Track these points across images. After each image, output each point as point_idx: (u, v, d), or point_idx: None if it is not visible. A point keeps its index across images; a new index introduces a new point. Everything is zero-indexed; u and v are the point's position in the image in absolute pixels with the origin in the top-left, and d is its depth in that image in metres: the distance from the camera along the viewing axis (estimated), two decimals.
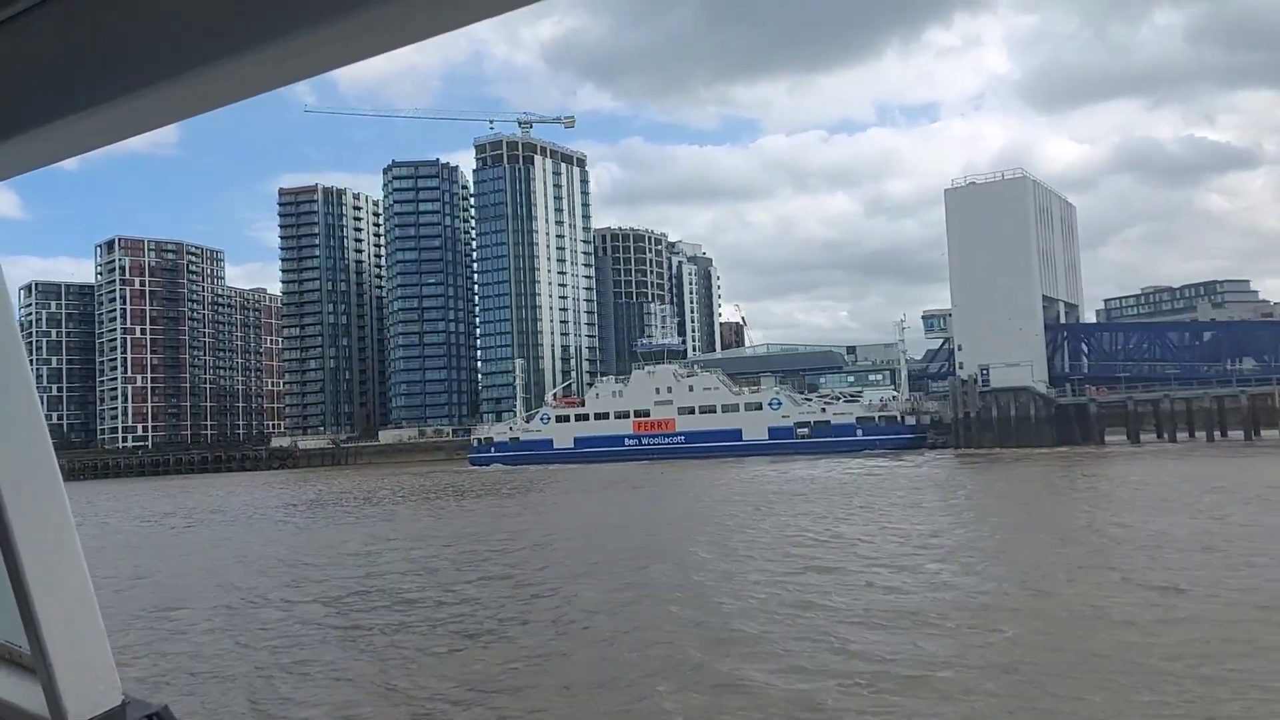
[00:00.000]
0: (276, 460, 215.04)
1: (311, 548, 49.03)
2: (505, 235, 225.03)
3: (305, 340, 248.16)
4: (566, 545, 45.47)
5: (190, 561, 46.06)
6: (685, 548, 41.34)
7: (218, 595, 35.07)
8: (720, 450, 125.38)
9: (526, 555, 42.27)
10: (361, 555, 44.75)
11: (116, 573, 40.84)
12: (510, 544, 46.33)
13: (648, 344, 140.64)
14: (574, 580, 34.35)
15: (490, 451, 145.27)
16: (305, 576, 38.87)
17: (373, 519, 65.34)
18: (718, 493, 71.42)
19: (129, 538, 60.06)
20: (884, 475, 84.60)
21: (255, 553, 48.04)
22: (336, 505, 79.85)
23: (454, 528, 56.26)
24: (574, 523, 56.16)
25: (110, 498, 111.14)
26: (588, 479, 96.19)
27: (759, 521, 50.84)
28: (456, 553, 44.09)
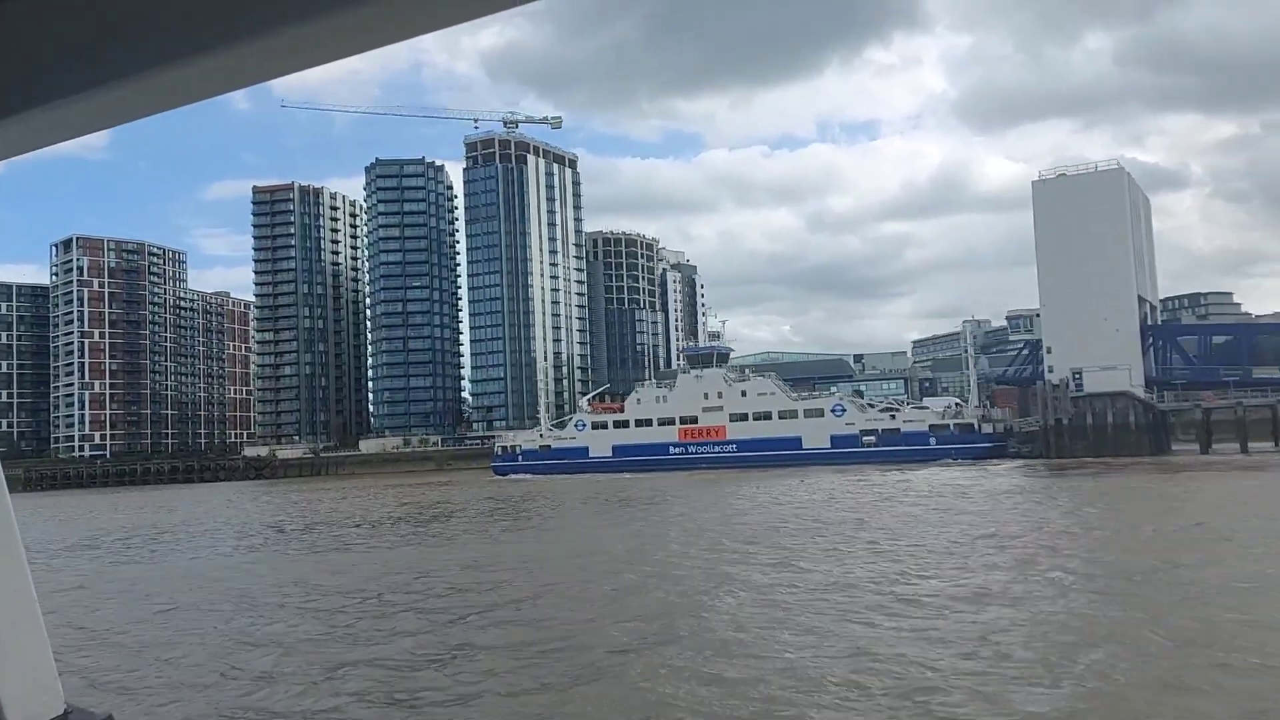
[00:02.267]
0: (253, 470, 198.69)
1: None
2: (497, 237, 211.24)
3: (280, 346, 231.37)
4: None
5: None
6: None
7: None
8: (777, 460, 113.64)
9: None
10: None
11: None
12: None
13: (692, 347, 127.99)
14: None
15: (517, 460, 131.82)
16: None
17: None
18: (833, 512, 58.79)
19: None
20: (1009, 490, 73.29)
21: None
22: (353, 530, 65.34)
23: None
24: None
25: (52, 516, 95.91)
26: (668, 492, 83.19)
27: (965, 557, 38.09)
28: None
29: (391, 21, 1.53)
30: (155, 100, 1.81)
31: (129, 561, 49.46)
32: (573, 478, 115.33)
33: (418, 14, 1.52)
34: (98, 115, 1.87)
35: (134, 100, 1.80)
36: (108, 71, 1.70)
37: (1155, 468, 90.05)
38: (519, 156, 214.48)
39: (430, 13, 1.53)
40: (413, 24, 1.56)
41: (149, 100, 1.81)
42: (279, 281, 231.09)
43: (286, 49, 1.58)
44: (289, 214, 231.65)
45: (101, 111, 1.84)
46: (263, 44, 1.56)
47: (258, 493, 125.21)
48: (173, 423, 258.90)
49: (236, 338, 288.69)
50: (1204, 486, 68.55)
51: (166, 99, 1.81)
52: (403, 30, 1.58)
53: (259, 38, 1.55)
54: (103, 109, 1.82)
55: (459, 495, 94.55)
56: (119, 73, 1.69)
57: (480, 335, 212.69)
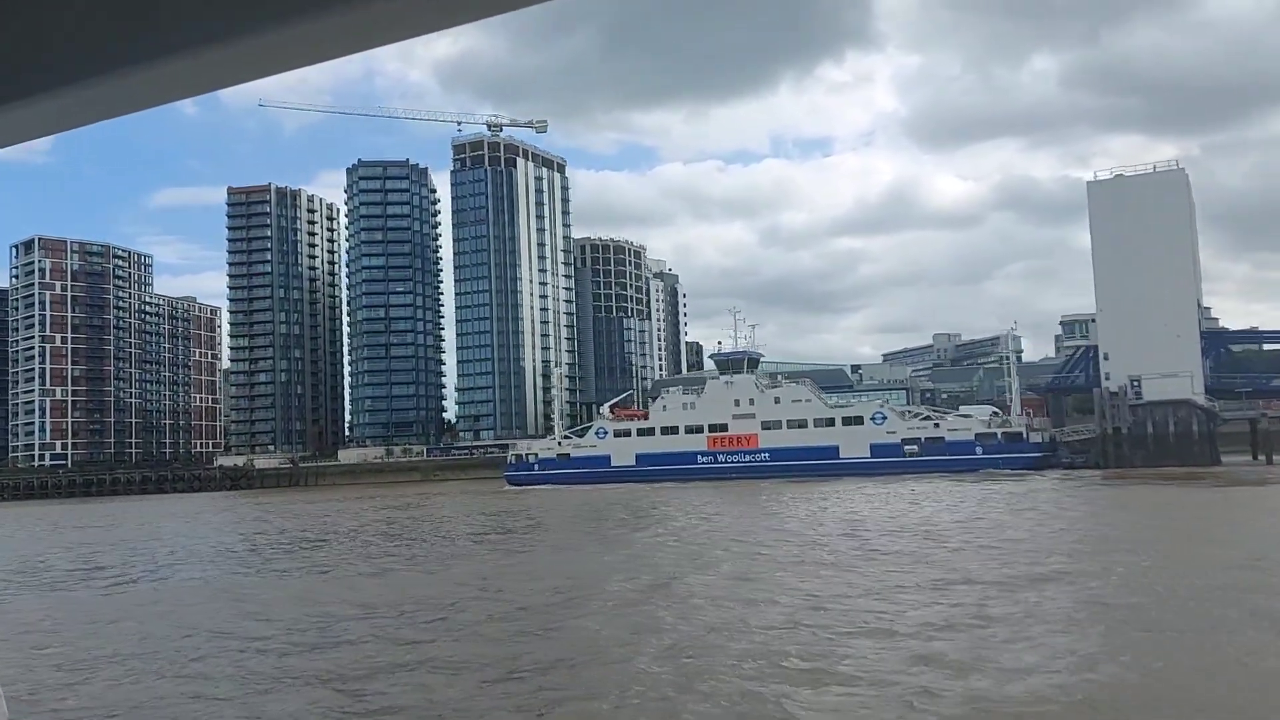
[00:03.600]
0: (229, 480, 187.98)
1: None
2: (485, 242, 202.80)
3: (254, 352, 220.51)
4: None
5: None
6: None
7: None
8: (812, 469, 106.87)
9: None
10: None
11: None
12: None
13: (722, 352, 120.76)
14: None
15: (533, 470, 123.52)
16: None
17: None
18: None
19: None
20: (1115, 502, 67.07)
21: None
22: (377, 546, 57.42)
23: None
24: None
25: None
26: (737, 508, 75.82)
27: None
28: None
29: (397, 21, 1.52)
30: (151, 94, 1.77)
31: None
32: (594, 488, 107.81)
33: (416, 15, 1.51)
34: (91, 107, 1.81)
35: (128, 94, 1.75)
36: (104, 64, 1.66)
37: (1251, 481, 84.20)
38: (508, 160, 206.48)
39: (428, 15, 1.51)
40: (413, 24, 1.56)
41: (144, 94, 1.76)
42: (254, 285, 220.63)
43: (281, 47, 1.57)
44: (265, 216, 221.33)
45: (95, 103, 1.78)
46: (257, 42, 1.54)
47: (240, 506, 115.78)
48: (137, 431, 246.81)
49: (203, 344, 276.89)
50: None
51: (161, 93, 1.76)
52: (406, 30, 1.57)
53: (255, 34, 1.53)
54: (97, 101, 1.77)
55: (470, 507, 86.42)
56: (113, 65, 1.65)
57: (467, 343, 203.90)
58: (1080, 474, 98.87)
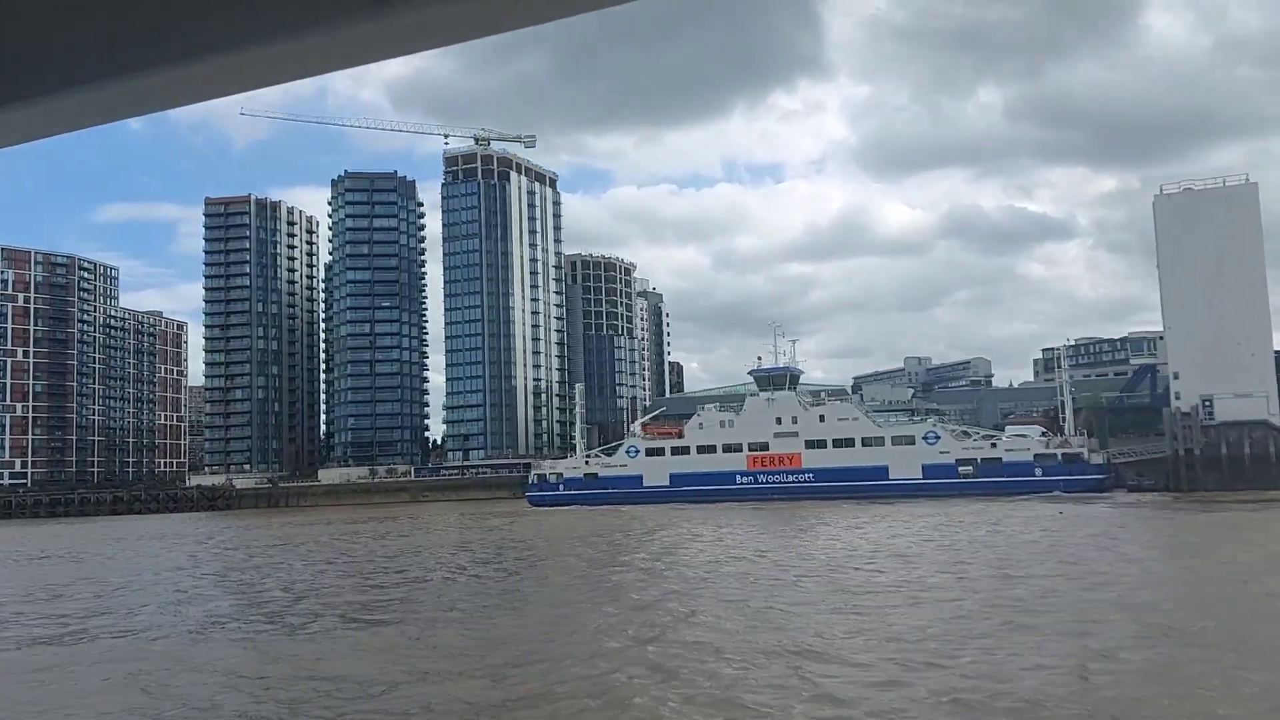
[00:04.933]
0: (206, 501, 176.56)
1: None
2: (477, 257, 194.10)
3: (230, 368, 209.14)
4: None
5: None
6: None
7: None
8: (859, 491, 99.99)
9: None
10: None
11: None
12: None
13: (761, 368, 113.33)
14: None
15: (559, 489, 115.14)
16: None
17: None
18: None
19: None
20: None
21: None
22: None
23: None
24: None
25: None
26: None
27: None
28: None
29: (417, 32, 1.50)
30: (155, 98, 1.74)
31: None
32: (624, 509, 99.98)
33: (433, 28, 1.49)
34: (97, 110, 1.78)
35: (133, 98, 1.72)
36: (113, 67, 1.64)
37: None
38: (500, 173, 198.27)
39: (434, 29, 1.50)
40: (415, 41, 1.54)
41: (150, 99, 1.73)
42: (232, 299, 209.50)
43: (279, 60, 1.55)
44: (244, 228, 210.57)
45: (102, 107, 1.75)
46: (258, 53, 1.52)
47: (226, 530, 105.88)
48: (99, 449, 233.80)
49: (168, 360, 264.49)
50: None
51: (166, 98, 1.74)
52: (418, 42, 1.56)
53: (257, 46, 1.52)
54: (103, 104, 1.74)
55: (513, 535, 78.08)
56: (122, 69, 1.63)
57: (457, 360, 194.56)
58: (1146, 497, 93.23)
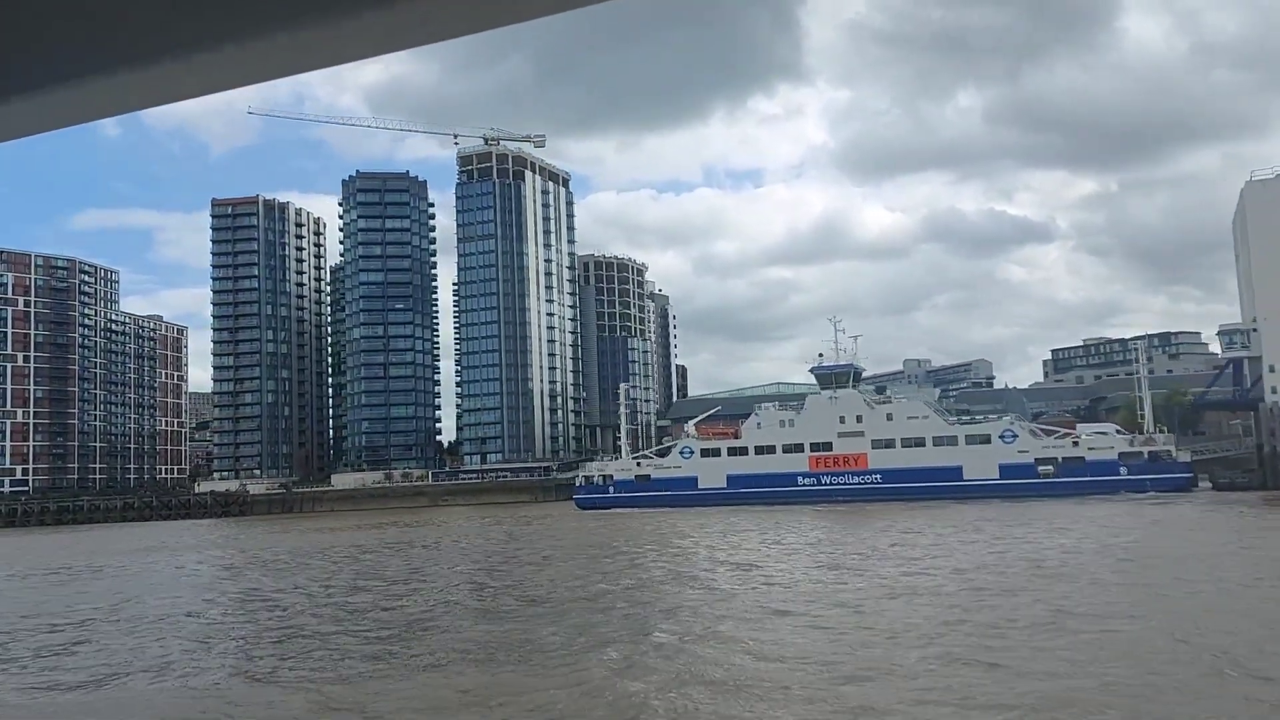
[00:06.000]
0: (219, 507, 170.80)
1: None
2: (493, 258, 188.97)
3: (240, 372, 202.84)
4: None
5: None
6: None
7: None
8: (930, 492, 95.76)
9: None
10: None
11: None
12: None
13: (823, 365, 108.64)
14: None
15: (609, 492, 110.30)
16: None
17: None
18: None
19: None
20: None
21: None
22: None
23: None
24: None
25: None
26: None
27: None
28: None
29: (410, 27, 1.49)
30: (155, 93, 1.72)
31: None
32: (680, 511, 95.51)
33: (425, 23, 1.49)
34: (98, 103, 1.76)
35: (135, 91, 1.70)
36: (113, 58, 1.61)
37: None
38: (516, 172, 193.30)
39: (433, 23, 1.49)
40: (420, 32, 1.53)
41: (132, 97, 1.71)
42: (240, 302, 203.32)
43: (273, 54, 1.53)
44: (252, 229, 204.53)
45: (104, 99, 1.74)
46: (255, 47, 1.51)
47: (246, 535, 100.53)
48: (101, 456, 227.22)
49: (168, 365, 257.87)
50: None
51: (167, 91, 1.71)
52: (414, 37, 1.55)
53: (252, 40, 1.50)
54: (105, 97, 1.72)
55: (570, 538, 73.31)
56: (124, 61, 1.62)
57: (473, 362, 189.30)
58: (1235, 496, 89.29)
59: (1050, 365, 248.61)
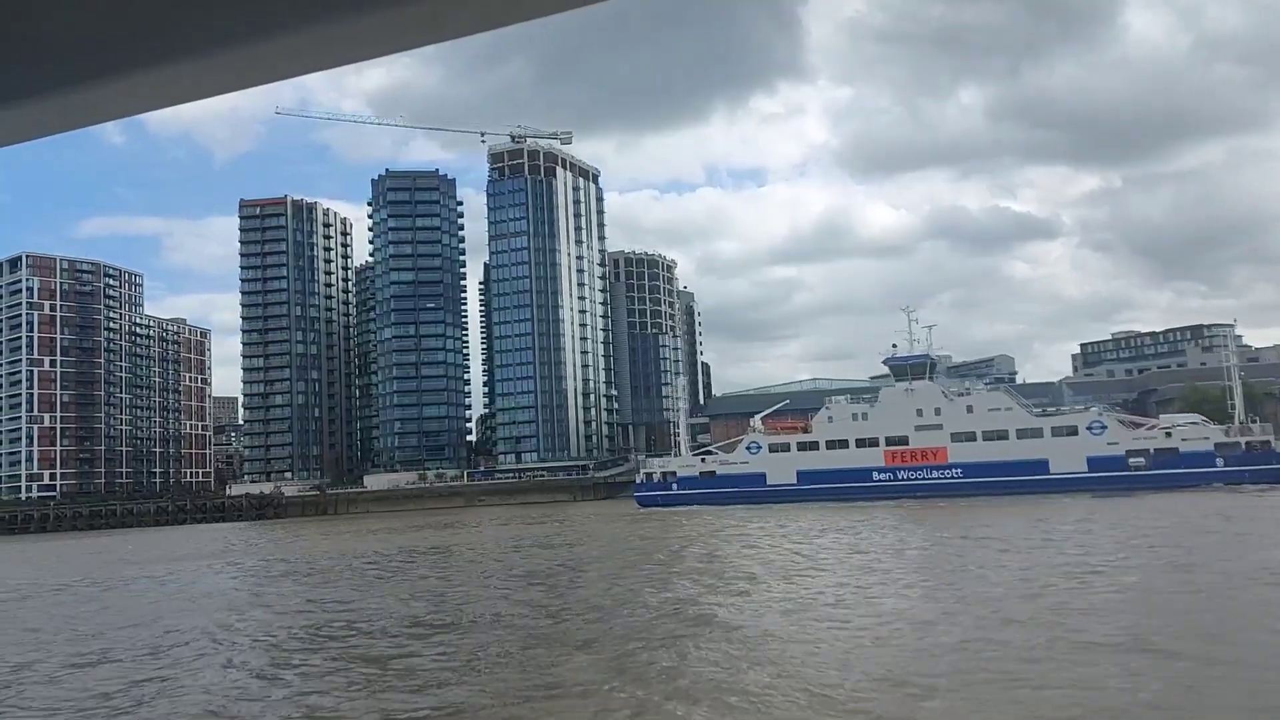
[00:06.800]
0: (254, 510, 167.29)
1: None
2: (526, 255, 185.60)
3: (269, 374, 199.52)
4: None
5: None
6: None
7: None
8: (1014, 486, 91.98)
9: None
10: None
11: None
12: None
13: (897, 356, 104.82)
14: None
15: (672, 489, 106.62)
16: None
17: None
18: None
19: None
20: None
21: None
22: None
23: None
24: None
25: None
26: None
27: None
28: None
29: (416, 26, 1.48)
30: (162, 95, 1.70)
31: None
32: (750, 509, 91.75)
33: (432, 22, 1.47)
34: (106, 105, 1.73)
35: (138, 95, 1.68)
36: (121, 61, 1.60)
37: None
38: (547, 169, 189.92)
39: (440, 22, 1.48)
40: (428, 31, 1.51)
41: (153, 96, 1.70)
42: (269, 304, 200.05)
43: (296, 51, 1.53)
44: (281, 230, 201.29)
45: (112, 101, 1.71)
46: (262, 48, 1.50)
47: (295, 540, 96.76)
48: (127, 460, 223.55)
49: (192, 368, 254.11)
50: None
51: (174, 93, 1.69)
52: (420, 37, 1.54)
53: (262, 40, 1.49)
54: (113, 99, 1.69)
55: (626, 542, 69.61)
56: (121, 67, 1.60)
57: (507, 360, 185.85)
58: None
59: (1079, 360, 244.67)
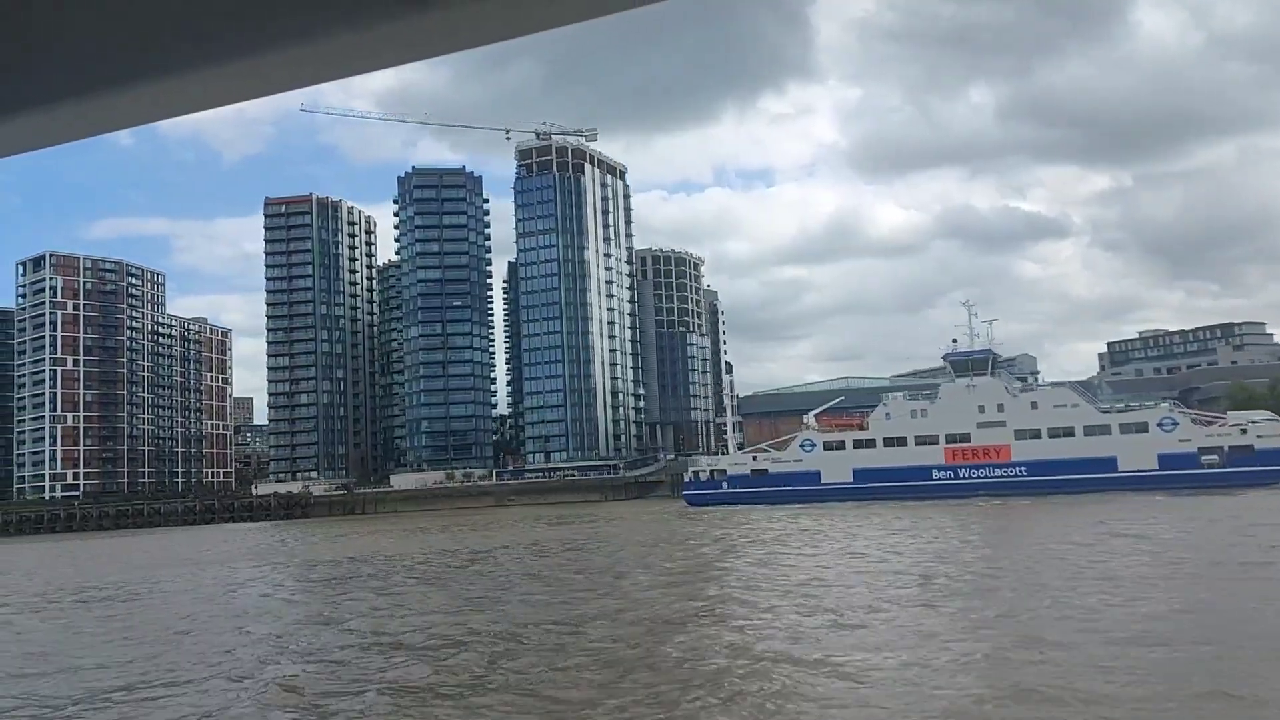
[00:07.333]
0: (282, 509, 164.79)
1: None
2: (554, 253, 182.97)
3: (295, 373, 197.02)
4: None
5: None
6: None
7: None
8: (1081, 485, 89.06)
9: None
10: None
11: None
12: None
13: (957, 351, 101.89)
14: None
15: (721, 488, 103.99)
16: None
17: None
18: None
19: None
20: None
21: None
22: None
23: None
24: None
25: None
26: None
27: None
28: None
29: (431, 37, 1.47)
30: (175, 104, 1.70)
31: None
32: (805, 508, 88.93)
33: (448, 32, 1.47)
34: (119, 114, 1.73)
35: (148, 104, 1.69)
36: (135, 71, 1.60)
37: None
38: (575, 165, 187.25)
39: (452, 33, 1.48)
40: (446, 41, 1.50)
41: (162, 107, 1.70)
42: (294, 302, 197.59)
43: (307, 61, 1.52)
44: (306, 229, 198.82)
45: (125, 110, 1.71)
46: (267, 60, 1.50)
47: (340, 540, 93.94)
48: (149, 460, 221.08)
49: (213, 368, 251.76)
50: None
51: (187, 103, 1.69)
52: (435, 47, 1.53)
53: (267, 52, 1.49)
54: (125, 108, 1.69)
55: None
56: (129, 77, 1.60)
57: (535, 359, 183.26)
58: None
59: (1107, 359, 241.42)
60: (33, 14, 1.58)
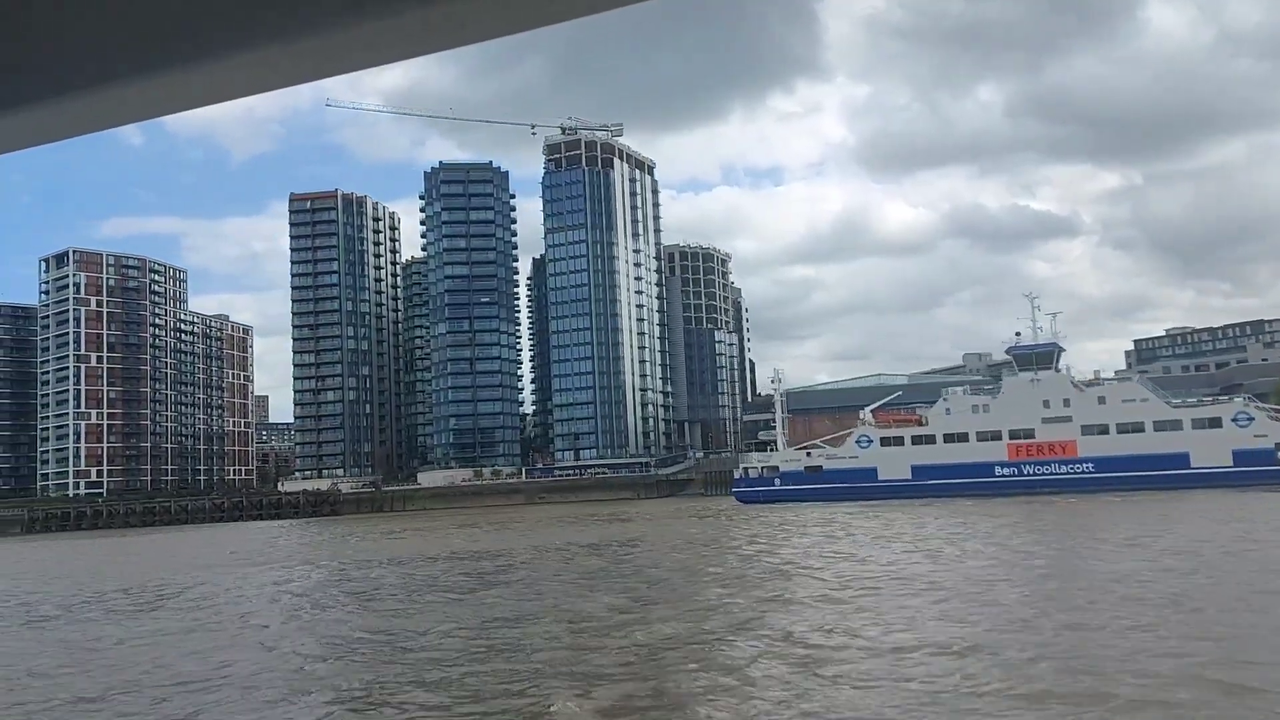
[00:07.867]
0: (310, 507, 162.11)
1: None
2: (584, 249, 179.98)
3: (320, 369, 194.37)
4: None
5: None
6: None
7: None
8: (1151, 482, 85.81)
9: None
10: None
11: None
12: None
13: (1020, 345, 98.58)
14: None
15: (774, 485, 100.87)
16: None
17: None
18: None
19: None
20: None
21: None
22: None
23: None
24: None
25: None
26: None
27: None
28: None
29: (440, 30, 1.47)
30: (182, 98, 1.69)
31: None
32: (862, 506, 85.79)
33: (457, 25, 1.46)
34: (124, 108, 1.72)
35: (149, 100, 1.68)
36: (141, 64, 1.59)
37: None
38: (604, 160, 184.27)
39: (458, 27, 1.47)
40: (452, 35, 1.50)
41: (165, 102, 1.69)
42: (320, 299, 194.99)
43: (316, 55, 1.52)
44: (331, 224, 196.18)
45: (130, 105, 1.70)
46: (273, 53, 1.51)
47: (385, 542, 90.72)
48: (172, 457, 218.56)
49: (235, 365, 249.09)
50: None
51: (194, 96, 1.68)
52: (441, 41, 1.52)
53: (274, 46, 1.49)
54: (131, 102, 1.69)
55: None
56: (134, 71, 1.60)
57: (564, 356, 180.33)
58: None
59: (1134, 356, 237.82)
60: (35, 7, 1.57)
